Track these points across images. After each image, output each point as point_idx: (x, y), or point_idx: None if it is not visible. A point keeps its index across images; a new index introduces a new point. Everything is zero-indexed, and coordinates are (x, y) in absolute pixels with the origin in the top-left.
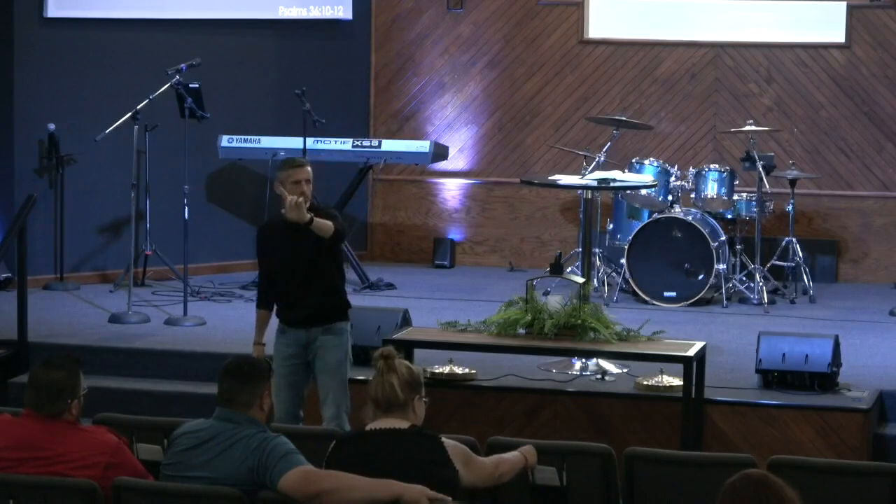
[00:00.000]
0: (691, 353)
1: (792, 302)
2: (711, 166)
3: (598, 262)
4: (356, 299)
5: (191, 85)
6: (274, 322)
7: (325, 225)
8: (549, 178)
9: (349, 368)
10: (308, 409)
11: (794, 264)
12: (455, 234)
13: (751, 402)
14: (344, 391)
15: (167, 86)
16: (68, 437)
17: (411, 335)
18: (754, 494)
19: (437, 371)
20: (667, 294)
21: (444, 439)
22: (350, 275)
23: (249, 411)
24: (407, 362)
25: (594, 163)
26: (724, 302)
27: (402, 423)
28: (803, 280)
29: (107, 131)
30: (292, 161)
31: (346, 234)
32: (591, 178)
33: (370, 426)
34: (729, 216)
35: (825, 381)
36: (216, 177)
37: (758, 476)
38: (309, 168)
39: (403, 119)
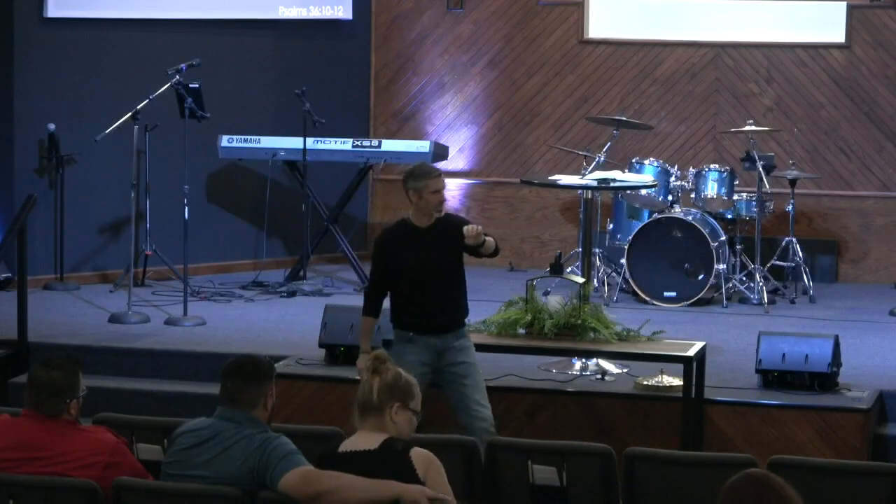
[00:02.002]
0: (691, 353)
1: (792, 302)
2: (711, 166)
3: (598, 262)
4: (356, 299)
5: (191, 85)
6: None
7: (491, 244)
8: (549, 178)
9: None
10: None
11: (794, 264)
12: None
13: (751, 402)
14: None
15: (167, 86)
16: (68, 437)
17: None
18: (755, 494)
19: None
20: (667, 294)
21: (413, 452)
22: (350, 275)
23: (253, 411)
24: (401, 371)
25: (594, 163)
26: (724, 302)
27: (373, 440)
28: (803, 280)
29: (107, 131)
30: (430, 170)
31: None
32: (591, 178)
33: (342, 447)
34: (729, 216)
35: (825, 381)
36: (216, 177)
37: (758, 476)
38: (443, 177)
39: (403, 119)
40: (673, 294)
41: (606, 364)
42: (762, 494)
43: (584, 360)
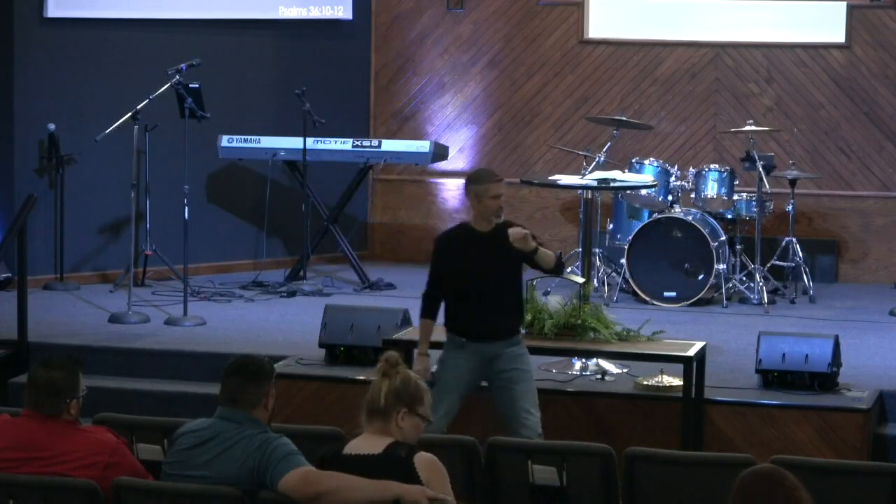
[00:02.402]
0: (691, 353)
1: (792, 302)
2: (711, 166)
3: (598, 262)
4: (356, 299)
5: (191, 85)
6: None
7: (549, 256)
8: (549, 178)
9: None
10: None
11: (794, 264)
12: None
13: (751, 402)
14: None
15: (167, 86)
16: (68, 437)
17: (411, 335)
18: (764, 490)
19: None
20: (667, 294)
21: (417, 458)
22: (350, 275)
23: (254, 411)
24: (413, 375)
25: (594, 163)
26: (724, 302)
27: (378, 444)
28: (803, 280)
29: (107, 131)
30: (490, 174)
31: (564, 266)
32: (591, 178)
33: (346, 449)
34: (729, 216)
35: (825, 381)
36: (216, 177)
37: (769, 471)
38: (504, 181)
39: (403, 119)
40: (673, 294)
41: (606, 364)
42: (771, 490)
43: (584, 360)
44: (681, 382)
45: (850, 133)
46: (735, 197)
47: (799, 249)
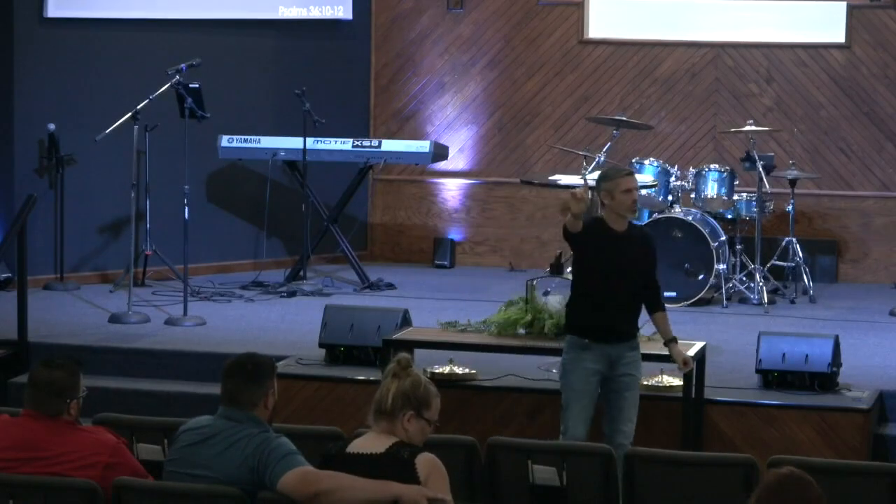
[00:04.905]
0: (691, 353)
1: (792, 302)
2: (711, 166)
3: None
4: (356, 299)
5: (191, 85)
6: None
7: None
8: (549, 178)
9: None
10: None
11: (794, 264)
12: (455, 234)
13: (751, 402)
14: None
15: (167, 86)
16: (67, 437)
17: (411, 335)
18: (796, 496)
19: (437, 371)
20: (667, 294)
21: (418, 458)
22: (350, 275)
23: (255, 410)
24: (423, 378)
25: (594, 163)
26: (724, 302)
27: (381, 443)
28: (803, 280)
29: (107, 131)
30: (621, 169)
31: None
32: (591, 178)
33: (350, 447)
34: (729, 216)
35: (825, 381)
36: (216, 177)
37: (798, 475)
38: (634, 175)
39: (403, 119)
40: (673, 294)
41: None
42: (802, 495)
43: None
44: (681, 382)
45: (850, 133)
46: (735, 197)
47: (799, 249)
